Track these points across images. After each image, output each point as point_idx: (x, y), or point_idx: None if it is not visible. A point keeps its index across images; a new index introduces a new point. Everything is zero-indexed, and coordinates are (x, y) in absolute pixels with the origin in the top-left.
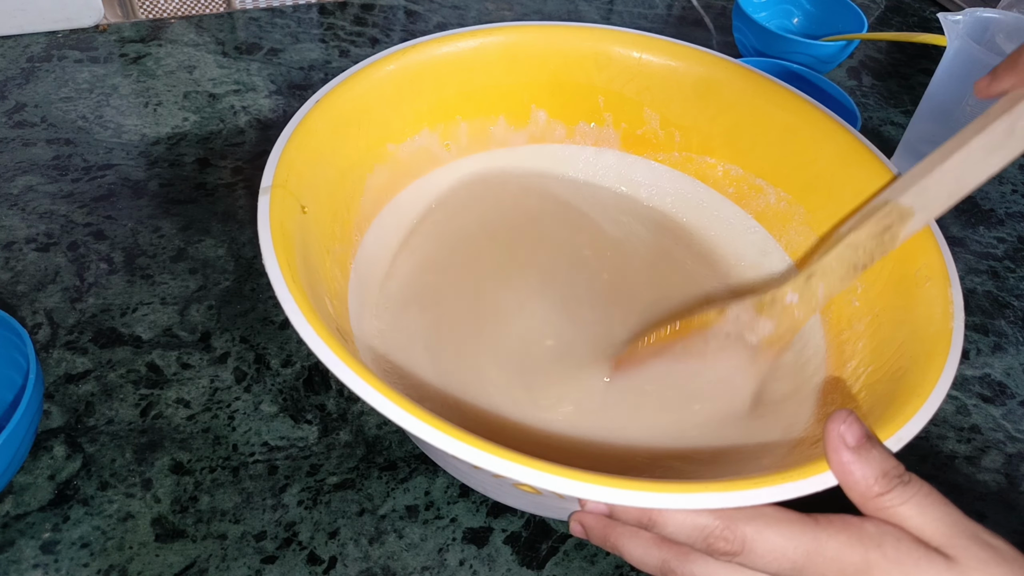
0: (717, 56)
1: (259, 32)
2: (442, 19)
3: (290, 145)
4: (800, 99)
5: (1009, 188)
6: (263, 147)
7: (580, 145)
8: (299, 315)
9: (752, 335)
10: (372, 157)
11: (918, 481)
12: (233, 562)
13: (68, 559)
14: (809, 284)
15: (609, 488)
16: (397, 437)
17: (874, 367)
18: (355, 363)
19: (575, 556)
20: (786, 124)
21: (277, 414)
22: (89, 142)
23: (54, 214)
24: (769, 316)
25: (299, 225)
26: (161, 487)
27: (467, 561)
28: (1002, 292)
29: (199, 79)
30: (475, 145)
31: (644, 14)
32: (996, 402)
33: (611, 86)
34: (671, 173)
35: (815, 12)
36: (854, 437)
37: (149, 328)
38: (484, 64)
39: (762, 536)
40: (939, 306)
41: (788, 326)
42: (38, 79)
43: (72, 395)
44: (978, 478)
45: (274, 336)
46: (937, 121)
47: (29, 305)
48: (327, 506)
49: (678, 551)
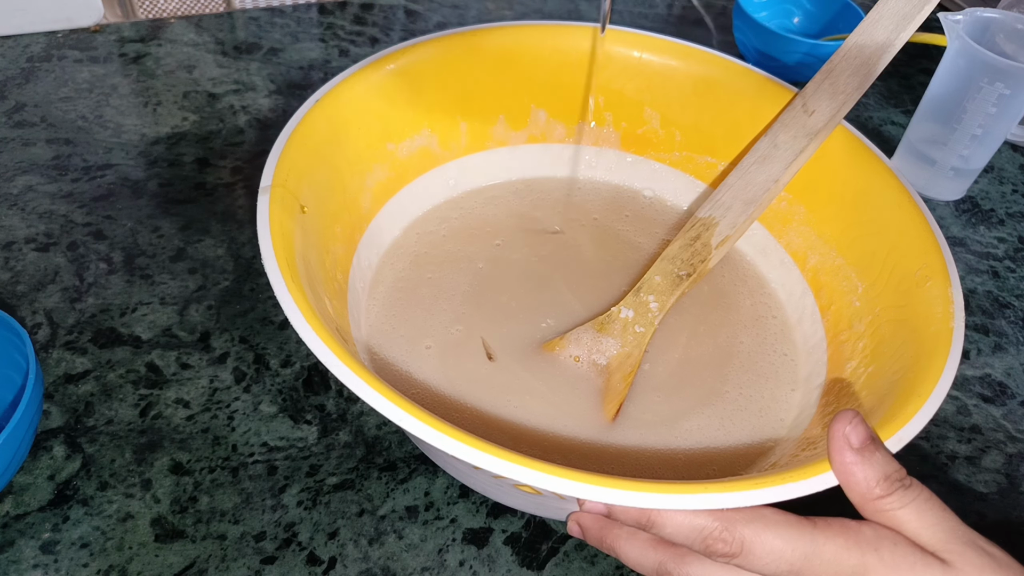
0: (717, 55)
1: (259, 32)
2: (442, 19)
3: (290, 145)
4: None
5: (1009, 188)
6: (263, 147)
7: (580, 145)
8: (298, 315)
9: (599, 356)
10: (372, 157)
11: (919, 486)
12: (233, 562)
13: (68, 559)
14: (639, 298)
15: (609, 489)
16: (397, 437)
17: (874, 367)
18: (354, 363)
19: (575, 557)
20: None
21: (276, 414)
22: (89, 142)
23: (54, 214)
24: (610, 335)
25: (299, 225)
26: (160, 487)
27: (467, 562)
28: (1002, 292)
29: (199, 79)
30: (475, 145)
31: (644, 14)
32: (996, 402)
33: (611, 85)
34: (671, 172)
35: (815, 12)
36: (858, 438)
37: (148, 328)
38: (484, 64)
39: (760, 538)
40: (939, 306)
41: (634, 343)
42: (38, 79)
43: (72, 395)
44: (978, 478)
45: (273, 336)
46: (937, 121)
47: (29, 305)
48: (327, 507)
49: (675, 553)
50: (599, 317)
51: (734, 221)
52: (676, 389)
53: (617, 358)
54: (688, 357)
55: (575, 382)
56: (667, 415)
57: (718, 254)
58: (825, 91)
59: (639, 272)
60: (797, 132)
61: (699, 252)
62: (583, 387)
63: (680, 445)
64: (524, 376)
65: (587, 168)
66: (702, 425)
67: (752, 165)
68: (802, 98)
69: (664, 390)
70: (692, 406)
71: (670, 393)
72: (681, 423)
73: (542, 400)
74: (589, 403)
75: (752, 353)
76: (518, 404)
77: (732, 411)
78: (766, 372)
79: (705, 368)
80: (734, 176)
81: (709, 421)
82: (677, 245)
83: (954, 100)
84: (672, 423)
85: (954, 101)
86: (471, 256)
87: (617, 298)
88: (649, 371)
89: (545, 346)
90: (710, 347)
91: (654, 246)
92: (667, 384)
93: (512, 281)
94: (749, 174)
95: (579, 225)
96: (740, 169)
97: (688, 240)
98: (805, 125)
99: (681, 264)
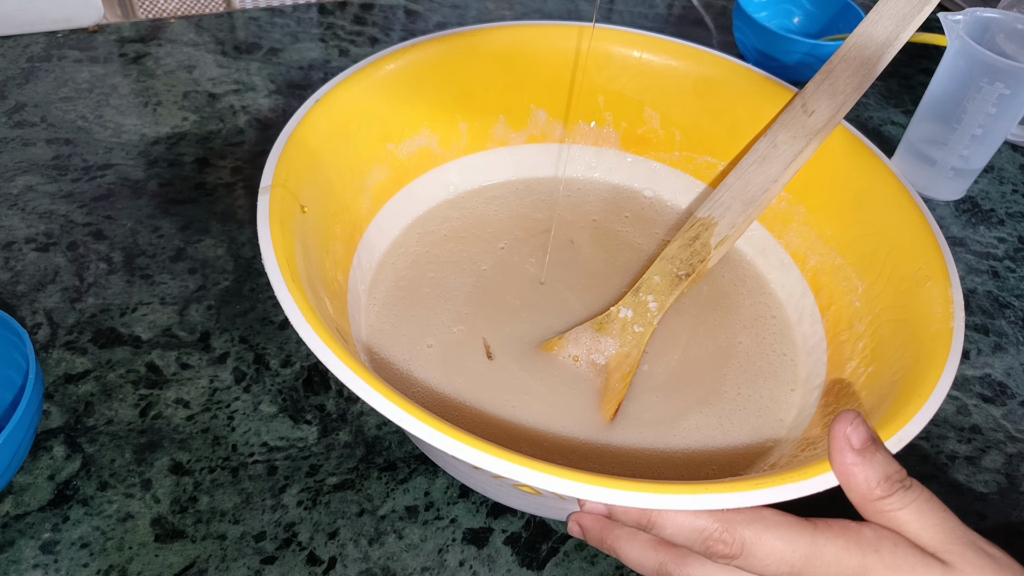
0: (717, 55)
1: (259, 32)
2: (442, 18)
3: (290, 144)
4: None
5: (1009, 188)
6: (263, 147)
7: (580, 145)
8: (298, 315)
9: (598, 356)
10: (372, 157)
11: (919, 487)
12: (233, 563)
13: (68, 559)
14: (638, 298)
15: (609, 489)
16: (397, 437)
17: (874, 367)
18: (354, 363)
19: (575, 557)
20: None
21: (276, 414)
22: (89, 142)
23: (54, 214)
24: (608, 334)
25: (299, 225)
26: (160, 487)
27: (467, 562)
28: (1002, 292)
29: (199, 79)
30: (475, 145)
31: (644, 14)
32: (996, 402)
33: (611, 85)
34: (671, 172)
35: (815, 12)
36: (859, 439)
37: (148, 328)
38: (484, 64)
39: (761, 539)
40: (939, 306)
41: (632, 342)
42: (38, 79)
43: (72, 395)
44: (978, 478)
45: (273, 336)
46: (937, 121)
47: (29, 305)
48: (327, 507)
49: (675, 554)
50: (598, 317)
51: (733, 221)
52: (675, 389)
53: (616, 358)
54: (687, 357)
55: (574, 382)
56: (666, 414)
57: (717, 254)
58: (825, 91)
59: (639, 272)
60: (796, 132)
61: (698, 252)
62: (582, 387)
63: (679, 444)
64: (523, 376)
65: (587, 168)
66: (700, 424)
67: (751, 165)
68: (802, 98)
69: (663, 390)
70: (691, 405)
71: (669, 393)
72: (680, 422)
73: (541, 400)
74: (588, 403)
75: (751, 353)
76: (516, 404)
77: (731, 411)
78: (765, 372)
79: (704, 368)
80: (733, 176)
81: (708, 420)
82: (676, 245)
83: (954, 100)
84: (671, 422)
85: (954, 101)
86: (473, 257)
87: (618, 298)
88: (648, 371)
89: (544, 346)
90: (709, 347)
91: (654, 246)
92: (666, 384)
93: (513, 282)
94: (748, 174)
95: (579, 225)
96: (739, 169)
97: (687, 240)
98: (805, 125)
99: (680, 264)
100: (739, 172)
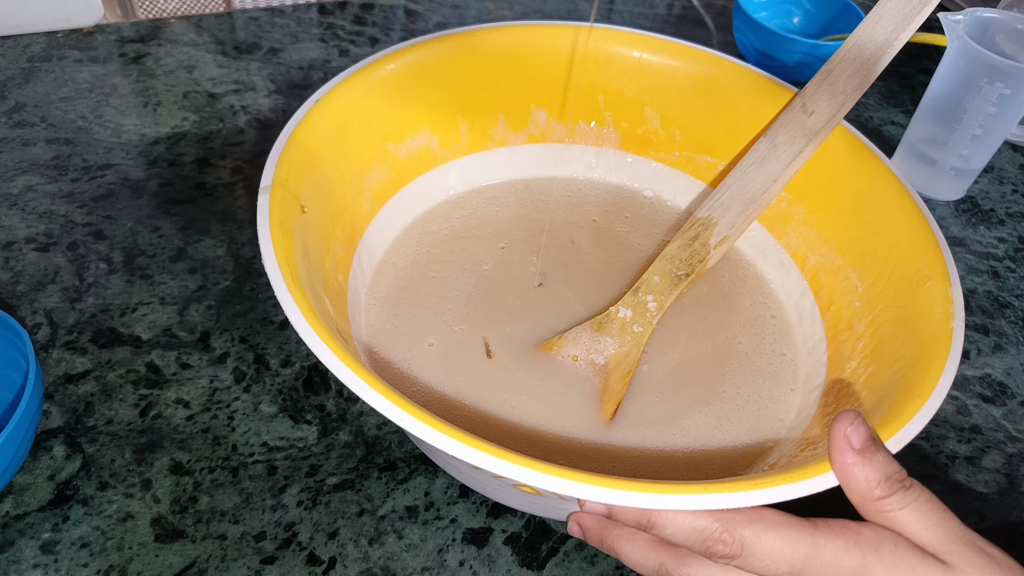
0: (717, 55)
1: (259, 32)
2: (442, 19)
3: (290, 144)
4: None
5: (1009, 188)
6: (263, 147)
7: (580, 145)
8: (299, 315)
9: (597, 355)
10: (372, 157)
11: (919, 487)
12: (233, 563)
13: (68, 559)
14: (637, 298)
15: (609, 489)
16: (397, 437)
17: (874, 367)
18: (354, 363)
19: (575, 557)
20: None
21: (276, 414)
22: (89, 142)
23: (54, 214)
24: (608, 334)
25: (299, 225)
26: (160, 487)
27: (467, 562)
28: (1002, 292)
29: (199, 79)
30: (475, 145)
31: (644, 14)
32: (996, 402)
33: (611, 85)
34: (671, 173)
35: (815, 12)
36: (860, 439)
37: (148, 328)
38: (484, 64)
39: (761, 539)
40: (939, 306)
41: (632, 342)
42: (38, 79)
43: (72, 395)
44: (978, 478)
45: (273, 336)
46: (937, 121)
47: (29, 305)
48: (327, 507)
49: (675, 554)
50: (597, 317)
51: (733, 221)
52: (675, 389)
53: (615, 358)
54: (687, 357)
55: (573, 382)
56: (665, 414)
57: (716, 254)
58: (825, 91)
59: (639, 272)
60: (796, 132)
61: (697, 252)
62: (581, 387)
63: (679, 444)
64: (522, 376)
65: (587, 168)
66: (700, 424)
67: (751, 165)
68: (801, 98)
69: (663, 390)
70: (690, 405)
71: (669, 393)
72: (679, 422)
73: (540, 400)
74: (587, 403)
75: (751, 353)
76: (516, 404)
77: (730, 410)
78: (765, 372)
79: (704, 368)
80: (733, 176)
81: (707, 420)
82: (675, 245)
83: (954, 100)
84: (670, 422)
85: (954, 101)
86: (474, 257)
87: (618, 298)
88: (648, 371)
89: (543, 346)
90: (709, 347)
91: (654, 246)
92: (666, 384)
93: (514, 282)
94: (748, 174)
95: (579, 226)
96: (739, 169)
97: (687, 240)
98: (804, 125)
99: (679, 264)
100: (739, 172)
